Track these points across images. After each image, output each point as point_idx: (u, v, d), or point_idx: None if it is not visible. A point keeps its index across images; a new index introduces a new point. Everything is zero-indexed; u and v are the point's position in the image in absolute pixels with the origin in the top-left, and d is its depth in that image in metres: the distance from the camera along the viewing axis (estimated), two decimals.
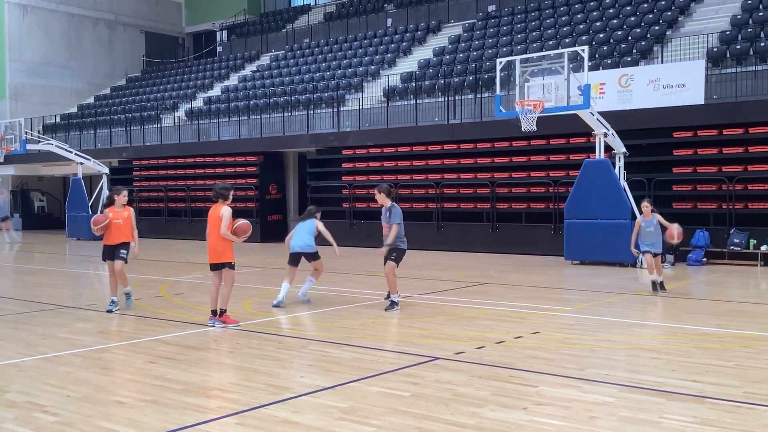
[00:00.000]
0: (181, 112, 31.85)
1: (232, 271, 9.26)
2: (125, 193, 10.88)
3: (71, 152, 27.95)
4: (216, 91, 33.53)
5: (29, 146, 27.74)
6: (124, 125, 32.33)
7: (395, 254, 10.59)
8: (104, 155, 30.38)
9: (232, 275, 9.31)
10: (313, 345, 8.37)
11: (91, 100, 39.03)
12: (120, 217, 10.66)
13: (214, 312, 9.31)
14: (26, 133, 27.88)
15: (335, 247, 11.14)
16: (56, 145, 28.06)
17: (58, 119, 36.28)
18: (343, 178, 24.23)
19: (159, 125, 31.03)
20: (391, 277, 10.58)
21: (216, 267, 9.25)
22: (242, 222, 9.32)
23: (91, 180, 32.73)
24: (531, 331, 8.88)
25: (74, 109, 37.97)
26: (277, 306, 10.71)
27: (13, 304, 11.65)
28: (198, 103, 32.41)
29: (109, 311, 10.53)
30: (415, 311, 10.59)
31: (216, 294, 9.30)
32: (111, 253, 10.73)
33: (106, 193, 27.92)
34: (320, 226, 11.22)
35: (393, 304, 10.58)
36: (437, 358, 7.44)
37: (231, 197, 9.26)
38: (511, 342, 8.28)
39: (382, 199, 10.67)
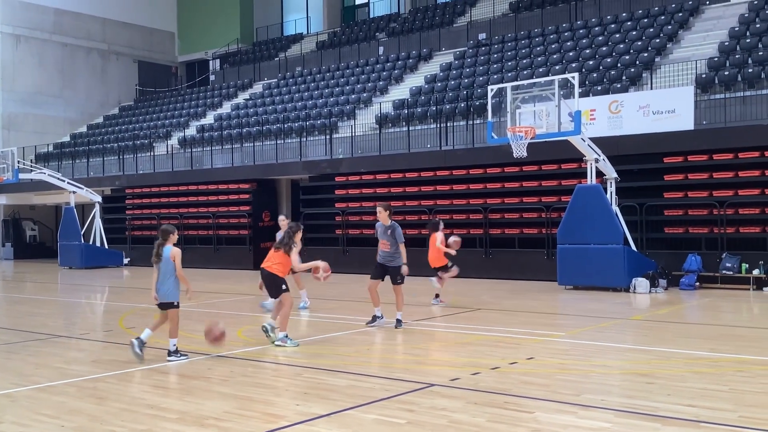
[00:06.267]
0: (174, 141, 31.92)
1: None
2: None
3: (64, 181, 27.93)
4: (209, 119, 33.65)
5: (22, 175, 27.71)
6: (117, 154, 32.36)
7: (400, 278, 11.26)
8: (97, 184, 30.38)
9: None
10: (308, 372, 8.35)
11: (84, 129, 39.07)
12: None
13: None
14: (19, 162, 27.87)
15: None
16: (49, 174, 28.05)
17: (51, 148, 36.29)
18: (336, 205, 24.27)
19: (152, 154, 31.07)
20: (401, 296, 11.30)
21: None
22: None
23: (84, 209, 32.67)
24: (526, 356, 8.88)
25: (67, 138, 37.99)
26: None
27: (5, 334, 11.57)
28: (191, 131, 32.50)
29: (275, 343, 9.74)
30: (410, 338, 10.58)
31: None
32: None
33: (98, 222, 27.83)
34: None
35: (399, 322, 11.22)
36: (432, 385, 7.43)
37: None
38: (506, 368, 8.28)
39: (385, 218, 11.24)
